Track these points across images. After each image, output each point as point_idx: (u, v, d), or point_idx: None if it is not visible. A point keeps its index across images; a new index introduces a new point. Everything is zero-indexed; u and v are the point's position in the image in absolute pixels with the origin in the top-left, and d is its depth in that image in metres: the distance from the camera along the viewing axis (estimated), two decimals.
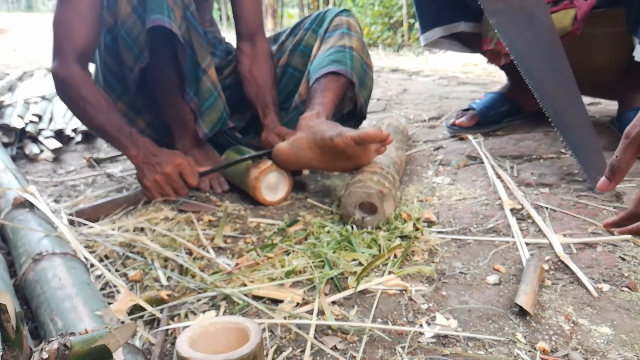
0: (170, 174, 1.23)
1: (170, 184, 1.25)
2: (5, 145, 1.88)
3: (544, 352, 0.68)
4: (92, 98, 1.26)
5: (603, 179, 0.71)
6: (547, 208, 1.11)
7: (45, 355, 0.49)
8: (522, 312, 0.76)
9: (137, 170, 1.27)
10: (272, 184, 1.26)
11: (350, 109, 1.50)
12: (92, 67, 1.56)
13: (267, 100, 1.43)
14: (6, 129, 1.97)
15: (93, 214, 1.22)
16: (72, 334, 0.51)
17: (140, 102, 1.47)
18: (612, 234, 0.97)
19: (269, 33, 1.61)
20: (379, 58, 4.58)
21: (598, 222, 1.02)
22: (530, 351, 0.68)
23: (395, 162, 1.24)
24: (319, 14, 1.55)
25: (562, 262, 0.89)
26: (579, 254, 0.92)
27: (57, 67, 1.27)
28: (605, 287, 0.82)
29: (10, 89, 2.76)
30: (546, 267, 0.88)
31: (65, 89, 1.27)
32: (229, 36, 1.68)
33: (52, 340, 0.50)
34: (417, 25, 1.80)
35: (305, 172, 1.47)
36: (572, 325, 0.73)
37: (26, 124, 2.03)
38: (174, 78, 1.32)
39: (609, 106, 1.93)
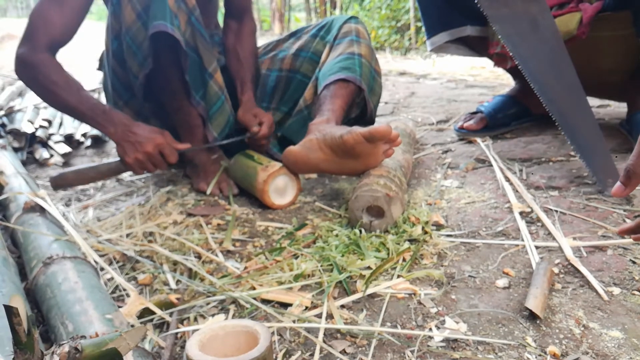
0: (150, 153, 1.26)
1: (151, 161, 1.28)
2: (16, 149, 1.90)
3: (554, 356, 0.67)
4: (62, 81, 1.27)
5: (618, 184, 0.70)
6: (556, 211, 1.10)
7: (56, 358, 0.49)
8: (532, 316, 0.75)
9: (117, 146, 1.29)
10: (280, 188, 1.26)
11: (357, 115, 1.51)
12: (100, 74, 1.58)
13: (246, 77, 1.50)
14: (16, 134, 1.98)
15: (75, 180, 1.23)
16: (83, 337, 0.52)
17: (148, 108, 1.48)
18: (623, 237, 0.97)
19: (275, 37, 1.63)
20: (386, 61, 4.58)
21: (608, 225, 1.02)
22: (540, 355, 0.68)
23: (402, 165, 1.24)
24: (326, 22, 1.57)
25: (572, 266, 0.89)
26: (589, 257, 0.92)
27: (25, 52, 1.27)
28: (616, 290, 0.81)
29: (20, 94, 2.78)
30: (556, 270, 0.88)
31: (34, 74, 1.28)
32: None
33: (63, 343, 0.50)
34: (424, 29, 1.80)
35: (314, 175, 1.47)
36: (582, 329, 0.73)
37: (36, 128, 2.04)
38: (180, 83, 1.32)
39: (618, 108, 1.92)
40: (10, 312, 0.47)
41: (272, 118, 1.45)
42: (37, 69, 1.27)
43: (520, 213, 1.11)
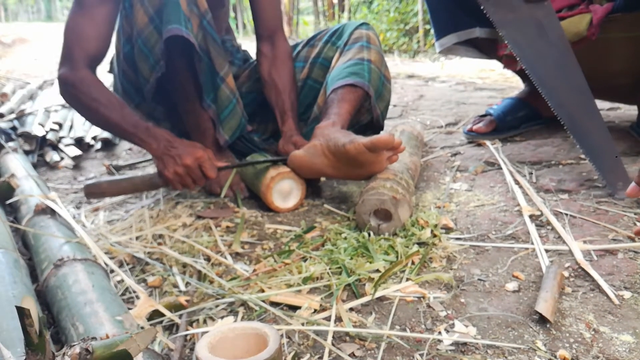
0: (190, 166, 1.24)
1: (190, 175, 1.25)
2: (27, 152, 1.92)
3: None
4: (104, 98, 1.27)
5: (633, 184, 0.70)
6: (566, 214, 1.10)
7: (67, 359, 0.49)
8: (542, 320, 0.75)
9: (158, 161, 1.27)
10: (284, 191, 1.26)
11: (368, 120, 1.51)
12: (110, 77, 1.58)
13: (286, 106, 1.43)
14: (27, 137, 2.00)
15: (108, 189, 1.24)
16: (94, 338, 0.52)
17: (159, 111, 1.49)
18: (633, 240, 0.96)
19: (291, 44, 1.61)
20: (395, 64, 4.58)
21: (619, 229, 1.01)
22: (550, 359, 0.67)
23: (410, 168, 1.23)
24: (337, 27, 1.56)
25: (583, 269, 0.88)
26: (600, 260, 0.91)
27: (66, 72, 1.28)
28: (627, 294, 0.81)
29: (31, 97, 2.81)
30: (566, 274, 0.87)
31: (75, 93, 1.28)
32: (245, 43, 1.69)
33: (74, 345, 0.51)
34: (432, 31, 1.80)
35: (322, 178, 1.47)
36: (593, 333, 0.72)
37: (47, 131, 2.06)
38: (192, 86, 1.33)
39: (628, 111, 1.91)
40: (22, 313, 0.47)
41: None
42: (78, 87, 1.27)
43: (530, 216, 1.10)
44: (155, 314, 0.82)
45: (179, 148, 1.25)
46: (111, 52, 1.51)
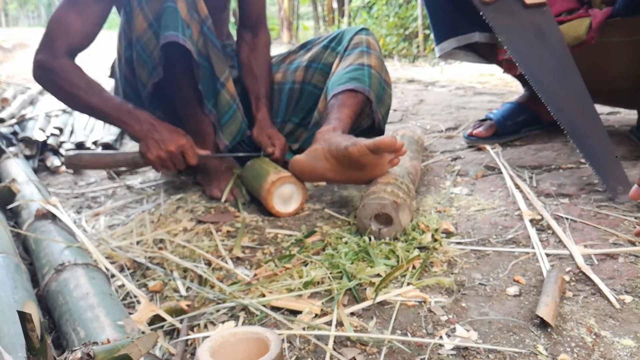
0: (173, 152, 1.28)
1: (172, 160, 1.30)
2: (28, 157, 1.92)
3: None
4: (84, 83, 1.28)
5: (635, 187, 0.70)
6: (567, 219, 1.10)
7: None
8: (543, 324, 0.75)
9: (141, 142, 1.31)
10: (285, 195, 1.26)
11: (368, 125, 1.51)
12: (112, 82, 1.59)
13: (261, 93, 1.49)
14: (28, 142, 2.00)
15: (90, 162, 1.25)
16: (95, 343, 0.52)
17: (158, 116, 1.49)
18: (634, 244, 0.96)
19: (284, 46, 1.63)
20: (395, 69, 4.58)
21: (619, 233, 1.01)
22: None
23: (410, 172, 1.24)
24: (337, 33, 1.57)
25: (583, 273, 0.88)
26: (600, 265, 0.91)
27: (44, 58, 1.29)
28: (628, 298, 0.81)
29: (32, 102, 2.81)
30: (567, 278, 0.87)
31: (54, 78, 1.29)
32: None
33: (75, 349, 0.51)
34: (432, 36, 1.80)
35: (322, 183, 1.48)
36: (594, 337, 0.72)
37: (47, 136, 2.06)
38: (192, 92, 1.34)
39: (628, 115, 1.91)
40: (24, 318, 0.47)
41: (285, 141, 1.45)
42: (57, 74, 1.28)
43: (531, 220, 1.10)
44: (156, 319, 0.82)
45: (162, 133, 1.28)
46: (113, 56, 1.51)
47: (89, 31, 1.30)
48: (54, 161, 1.90)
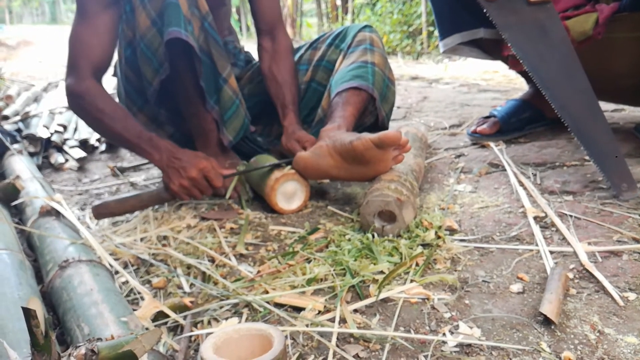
0: (195, 178, 1.25)
1: (196, 186, 1.26)
2: (32, 154, 1.92)
3: None
4: (109, 109, 1.28)
5: None
6: (571, 216, 1.10)
7: None
8: (546, 321, 0.75)
9: (163, 174, 1.28)
10: (288, 192, 1.26)
11: (372, 123, 1.51)
12: (113, 80, 1.59)
13: (287, 100, 1.44)
14: (32, 139, 2.01)
15: (117, 208, 1.24)
16: (99, 339, 0.52)
17: (162, 114, 1.49)
18: (638, 242, 0.96)
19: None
20: (398, 66, 4.58)
21: (623, 230, 1.01)
22: None
23: (414, 170, 1.23)
24: (341, 30, 1.57)
25: (587, 271, 0.88)
26: (604, 262, 0.91)
27: (72, 83, 1.29)
28: (632, 296, 0.80)
29: (36, 99, 2.82)
30: (571, 275, 0.87)
31: (81, 103, 1.29)
32: (249, 46, 1.69)
33: (79, 346, 0.51)
34: (436, 33, 1.80)
35: (326, 180, 1.47)
36: (598, 334, 0.72)
37: (51, 133, 2.07)
38: (195, 89, 1.33)
39: (633, 112, 1.90)
40: (28, 314, 0.47)
41: (315, 139, 1.34)
42: (83, 98, 1.28)
43: (535, 218, 1.10)
44: (159, 315, 0.82)
45: (182, 159, 1.25)
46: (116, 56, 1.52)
47: (106, 43, 1.30)
48: (58, 158, 1.91)
